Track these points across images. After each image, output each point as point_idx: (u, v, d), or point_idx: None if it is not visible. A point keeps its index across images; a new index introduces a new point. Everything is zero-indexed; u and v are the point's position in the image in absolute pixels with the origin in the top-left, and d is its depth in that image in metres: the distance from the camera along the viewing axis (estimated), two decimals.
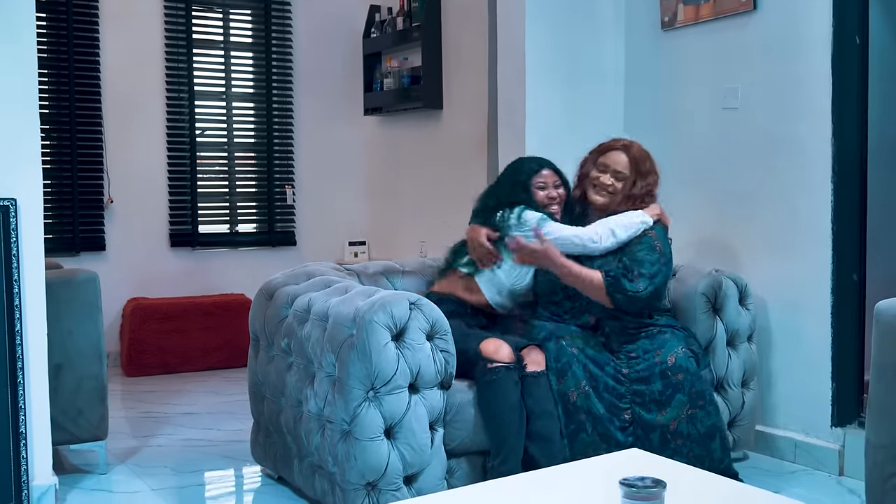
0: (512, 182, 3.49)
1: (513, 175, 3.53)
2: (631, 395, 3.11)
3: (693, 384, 3.10)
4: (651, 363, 3.13)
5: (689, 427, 3.08)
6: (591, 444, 3.05)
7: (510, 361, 3.08)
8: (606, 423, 3.08)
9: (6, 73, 3.13)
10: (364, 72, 6.30)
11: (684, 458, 3.07)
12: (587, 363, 3.12)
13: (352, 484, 2.86)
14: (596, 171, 3.41)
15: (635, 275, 3.19)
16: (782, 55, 3.77)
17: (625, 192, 3.35)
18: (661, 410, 3.08)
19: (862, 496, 2.93)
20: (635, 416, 3.10)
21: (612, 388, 3.12)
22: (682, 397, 3.09)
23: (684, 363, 3.12)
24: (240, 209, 6.29)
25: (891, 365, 2.40)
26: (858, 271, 3.65)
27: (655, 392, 3.09)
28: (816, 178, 3.65)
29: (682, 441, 3.08)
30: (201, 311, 5.68)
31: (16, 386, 3.15)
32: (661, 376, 3.10)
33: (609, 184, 3.36)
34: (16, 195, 3.15)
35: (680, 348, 3.16)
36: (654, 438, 3.07)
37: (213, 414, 4.63)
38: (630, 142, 3.44)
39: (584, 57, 4.38)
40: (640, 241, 3.27)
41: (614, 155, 3.39)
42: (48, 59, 5.57)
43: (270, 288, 3.47)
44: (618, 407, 3.10)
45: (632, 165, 3.36)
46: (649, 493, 1.81)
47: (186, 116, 6.03)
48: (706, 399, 3.12)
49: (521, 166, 3.55)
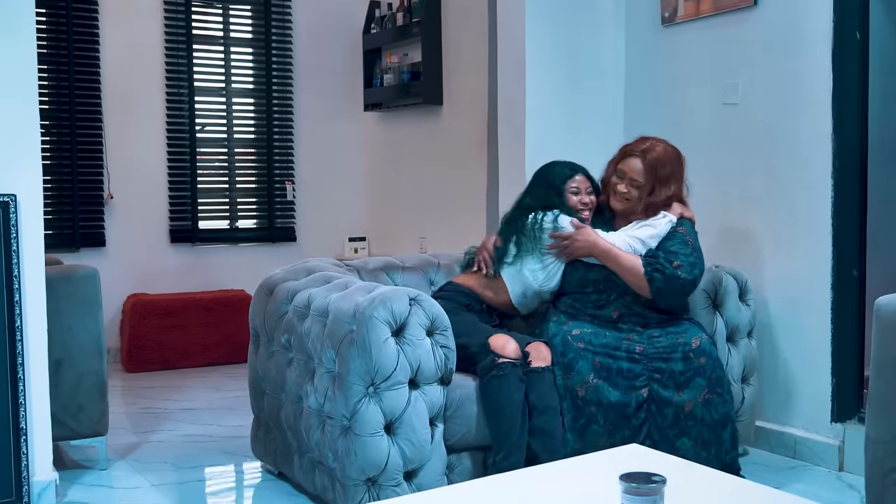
0: (546, 185, 3.46)
1: (546, 178, 3.50)
2: (649, 373, 3.11)
3: (714, 370, 3.13)
4: (674, 342, 3.14)
5: (703, 411, 3.09)
6: (602, 435, 3.05)
7: (516, 358, 3.09)
8: (621, 409, 3.08)
9: (6, 68, 3.13)
10: (364, 68, 6.30)
11: (692, 441, 3.08)
12: (595, 357, 3.12)
13: (352, 479, 2.86)
14: (615, 177, 3.37)
15: (674, 264, 3.21)
16: (783, 50, 3.77)
17: (644, 200, 3.31)
18: (679, 391, 3.09)
19: (862, 491, 2.94)
20: (652, 392, 3.10)
21: (626, 371, 3.11)
22: (702, 381, 3.10)
23: (708, 348, 3.15)
24: (240, 205, 6.29)
25: (891, 361, 2.40)
26: (858, 267, 3.65)
27: (676, 372, 3.10)
28: (817, 173, 3.65)
29: (694, 423, 3.09)
30: (201, 307, 5.68)
31: (16, 381, 3.15)
32: (683, 357, 3.11)
33: (625, 191, 3.33)
34: (16, 191, 3.15)
35: (703, 334, 3.19)
36: (669, 414, 3.08)
37: (213, 410, 4.63)
38: (651, 145, 3.32)
39: (585, 53, 4.38)
40: (672, 238, 3.27)
41: (631, 161, 3.32)
42: (48, 54, 5.57)
43: (270, 284, 3.47)
44: (634, 387, 3.10)
45: (647, 172, 3.28)
46: (649, 489, 1.81)
47: (186, 112, 6.02)
48: (724, 387, 3.14)
49: (553, 170, 3.50)
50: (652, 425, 3.10)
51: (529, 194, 3.51)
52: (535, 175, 3.57)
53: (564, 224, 3.33)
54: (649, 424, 3.10)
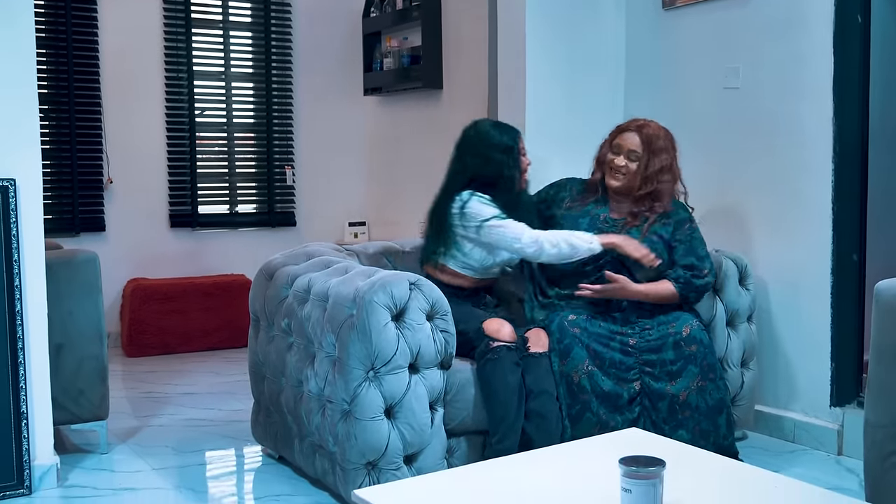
0: (503, 149, 3.35)
1: (499, 141, 3.36)
2: (640, 366, 3.13)
3: (706, 357, 3.14)
4: (664, 333, 3.16)
5: (697, 399, 3.10)
6: (596, 424, 3.06)
7: (512, 341, 3.09)
8: (613, 399, 3.09)
9: (5, 53, 3.12)
10: (364, 52, 6.28)
11: (689, 432, 3.09)
12: (590, 343, 3.13)
13: (352, 463, 2.87)
14: (611, 153, 3.39)
15: (704, 272, 3.29)
16: (783, 34, 3.75)
17: (640, 173, 3.33)
18: (672, 380, 3.11)
19: (860, 475, 2.94)
20: (644, 386, 3.12)
21: (618, 363, 3.13)
22: (694, 368, 3.11)
23: (698, 335, 3.16)
24: (239, 190, 6.28)
25: (890, 345, 2.40)
26: (859, 251, 3.65)
27: (667, 362, 3.12)
28: (817, 158, 3.64)
29: (690, 413, 3.10)
30: (201, 292, 5.68)
31: (16, 366, 3.16)
32: (673, 346, 3.13)
33: (623, 165, 3.34)
34: (15, 175, 3.15)
35: (694, 321, 3.20)
36: (663, 408, 3.10)
37: (213, 394, 4.64)
38: (646, 121, 3.41)
39: (585, 36, 4.35)
40: (692, 236, 3.32)
41: (627, 136, 3.37)
42: (47, 38, 5.54)
43: (270, 268, 3.47)
44: (626, 380, 3.11)
45: (644, 144, 3.33)
46: (649, 472, 1.82)
47: (185, 97, 6.01)
48: (717, 373, 3.15)
49: (499, 131, 3.39)
50: (647, 420, 3.11)
51: (475, 158, 3.36)
52: (479, 137, 3.40)
53: (475, 214, 3.26)
54: (644, 419, 3.11)
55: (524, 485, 2.10)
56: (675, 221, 3.36)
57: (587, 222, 3.38)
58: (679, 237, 3.34)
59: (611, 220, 3.39)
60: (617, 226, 3.37)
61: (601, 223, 3.38)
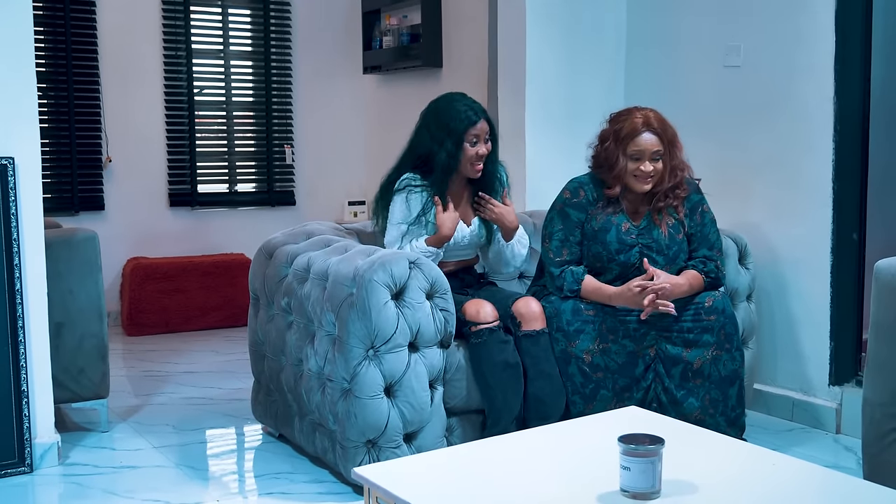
0: (445, 129, 3.19)
1: (446, 120, 3.20)
2: (657, 331, 3.11)
3: (724, 326, 3.11)
4: (686, 301, 3.12)
5: (711, 368, 3.09)
6: (612, 399, 3.06)
7: (494, 321, 3.04)
8: (629, 370, 3.08)
9: (2, 31, 3.10)
10: (363, 30, 6.24)
11: (699, 401, 3.09)
12: (605, 319, 3.09)
13: (352, 441, 2.88)
14: (631, 162, 3.13)
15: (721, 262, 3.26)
16: (785, 11, 3.73)
17: (667, 168, 3.16)
18: (688, 347, 3.09)
19: (858, 453, 2.95)
20: (659, 351, 3.10)
21: (633, 332, 3.09)
22: (710, 338, 3.09)
23: (720, 305, 3.13)
24: (239, 169, 6.27)
25: (889, 324, 2.40)
26: (859, 230, 3.65)
27: (684, 329, 3.10)
28: (818, 136, 3.63)
29: (702, 381, 3.09)
30: (201, 271, 5.68)
31: (17, 345, 3.16)
32: (693, 315, 3.11)
33: (651, 169, 3.12)
34: (14, 154, 3.14)
35: (716, 293, 3.16)
36: (676, 374, 3.08)
37: (213, 373, 4.65)
38: (643, 115, 3.16)
39: (585, 14, 4.33)
40: (703, 221, 3.25)
41: (644, 138, 3.12)
42: (44, 16, 5.51)
43: (270, 247, 3.47)
44: (641, 346, 3.09)
45: (661, 139, 3.13)
46: (648, 450, 1.82)
47: (184, 75, 5.98)
48: (733, 344, 3.13)
49: (456, 111, 3.20)
50: (659, 386, 3.10)
51: (426, 133, 3.26)
52: (435, 110, 3.27)
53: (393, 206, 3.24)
54: (656, 386, 3.10)
55: (524, 463, 2.11)
56: (689, 208, 3.25)
57: (614, 237, 3.18)
58: (694, 225, 3.23)
59: (635, 229, 3.20)
60: (644, 233, 3.20)
61: (625, 234, 3.18)
